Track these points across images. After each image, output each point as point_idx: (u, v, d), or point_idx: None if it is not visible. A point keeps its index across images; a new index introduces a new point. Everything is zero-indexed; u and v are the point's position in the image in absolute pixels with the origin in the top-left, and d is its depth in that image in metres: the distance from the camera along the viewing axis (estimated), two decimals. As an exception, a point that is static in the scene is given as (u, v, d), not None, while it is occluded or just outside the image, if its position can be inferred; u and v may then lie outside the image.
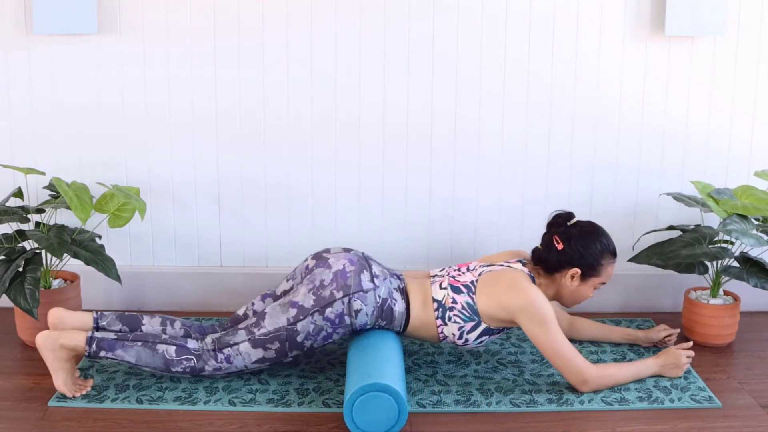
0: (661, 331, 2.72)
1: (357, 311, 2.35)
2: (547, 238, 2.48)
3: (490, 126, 2.94)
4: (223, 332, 2.42)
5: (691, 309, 2.78)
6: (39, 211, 2.75)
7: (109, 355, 2.34)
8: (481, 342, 2.45)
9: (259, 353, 2.35)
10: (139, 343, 2.36)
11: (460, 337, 2.42)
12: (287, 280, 2.55)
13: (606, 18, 2.87)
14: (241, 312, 2.56)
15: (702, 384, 2.47)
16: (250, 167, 2.96)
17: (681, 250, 2.70)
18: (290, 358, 2.39)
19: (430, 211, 3.00)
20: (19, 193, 2.75)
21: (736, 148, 2.98)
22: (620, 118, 2.95)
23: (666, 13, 2.80)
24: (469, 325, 2.40)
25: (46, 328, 2.64)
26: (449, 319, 2.40)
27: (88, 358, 2.37)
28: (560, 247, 2.42)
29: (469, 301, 2.39)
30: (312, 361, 2.58)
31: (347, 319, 2.35)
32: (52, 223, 2.83)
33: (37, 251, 2.63)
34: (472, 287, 2.41)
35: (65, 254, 2.64)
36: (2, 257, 2.60)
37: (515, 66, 2.90)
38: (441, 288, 2.44)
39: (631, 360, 2.61)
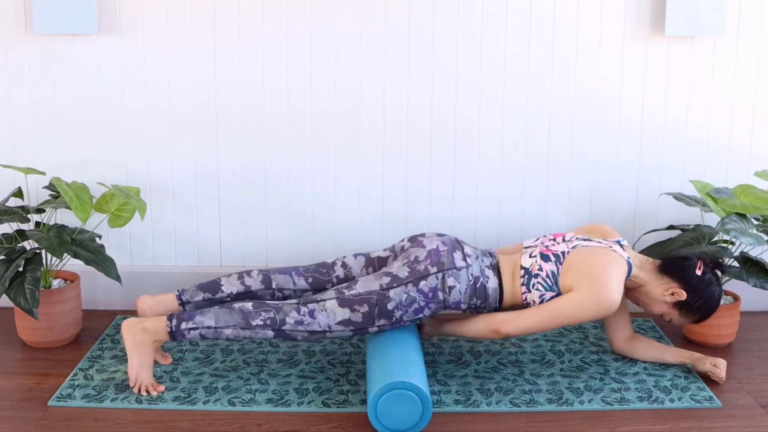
0: (707, 364, 2.52)
1: (450, 288, 2.37)
2: (694, 256, 2.47)
3: (490, 125, 2.94)
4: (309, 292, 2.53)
5: (691, 309, 2.77)
6: (39, 211, 2.75)
7: (190, 324, 2.34)
8: None
9: (345, 313, 2.35)
10: (216, 306, 2.40)
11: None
12: (384, 250, 2.60)
13: (606, 18, 2.87)
14: (330, 260, 2.61)
15: (702, 384, 2.46)
16: (250, 167, 2.96)
17: (681, 250, 2.70)
18: (376, 327, 2.37)
19: (430, 207, 3.00)
20: (19, 193, 2.75)
21: (736, 148, 2.98)
22: (620, 117, 2.95)
23: (666, 13, 2.80)
24: (548, 295, 2.39)
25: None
26: (533, 286, 2.40)
27: (173, 338, 2.35)
28: (699, 272, 2.42)
29: (554, 270, 2.39)
30: (312, 361, 2.58)
31: (440, 295, 2.37)
32: (52, 223, 2.83)
33: (37, 251, 2.63)
34: (561, 258, 2.41)
35: (65, 254, 2.64)
36: (2, 257, 2.60)
37: (515, 66, 2.90)
38: (531, 257, 2.44)
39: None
